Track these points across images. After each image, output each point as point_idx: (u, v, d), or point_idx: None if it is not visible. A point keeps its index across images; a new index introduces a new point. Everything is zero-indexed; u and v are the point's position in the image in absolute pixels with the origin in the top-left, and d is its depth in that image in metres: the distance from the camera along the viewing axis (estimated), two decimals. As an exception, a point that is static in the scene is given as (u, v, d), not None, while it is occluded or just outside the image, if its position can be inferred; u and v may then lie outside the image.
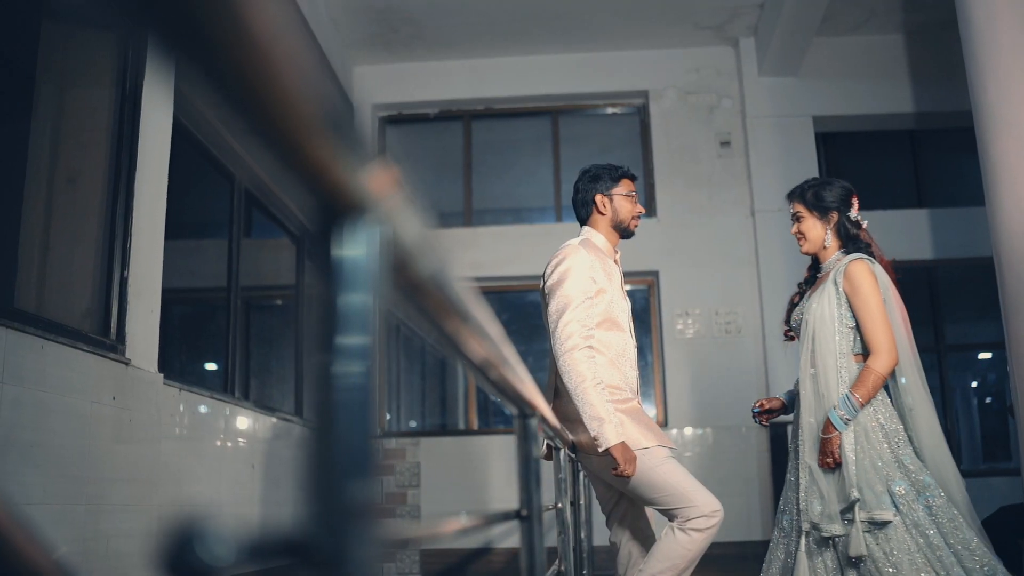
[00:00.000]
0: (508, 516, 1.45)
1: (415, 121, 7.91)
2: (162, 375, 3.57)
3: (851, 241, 2.95)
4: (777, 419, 3.21)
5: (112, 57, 3.55)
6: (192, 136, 4.46)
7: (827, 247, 2.98)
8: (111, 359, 3.17)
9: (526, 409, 1.43)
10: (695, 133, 7.49)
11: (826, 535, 2.73)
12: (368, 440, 0.44)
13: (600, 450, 2.72)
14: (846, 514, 2.70)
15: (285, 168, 0.42)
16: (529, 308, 9.22)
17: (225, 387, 4.65)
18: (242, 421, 4.58)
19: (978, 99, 4.13)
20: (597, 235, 3.06)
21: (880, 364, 2.76)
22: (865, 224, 2.99)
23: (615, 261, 3.07)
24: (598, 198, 3.06)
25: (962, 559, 2.62)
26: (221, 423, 4.30)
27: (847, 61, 7.38)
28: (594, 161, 3.19)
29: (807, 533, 2.79)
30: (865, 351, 2.83)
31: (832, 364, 2.82)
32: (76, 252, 3.32)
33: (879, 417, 2.78)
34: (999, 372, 10.47)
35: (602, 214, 3.06)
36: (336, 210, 0.45)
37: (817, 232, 2.98)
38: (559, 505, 2.48)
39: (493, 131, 8.16)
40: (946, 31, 6.04)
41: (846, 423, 2.74)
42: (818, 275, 3.05)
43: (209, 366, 6.17)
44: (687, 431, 6.90)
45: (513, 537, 1.54)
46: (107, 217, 3.40)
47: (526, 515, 1.46)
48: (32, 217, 3.20)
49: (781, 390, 3.54)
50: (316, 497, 0.42)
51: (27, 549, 0.34)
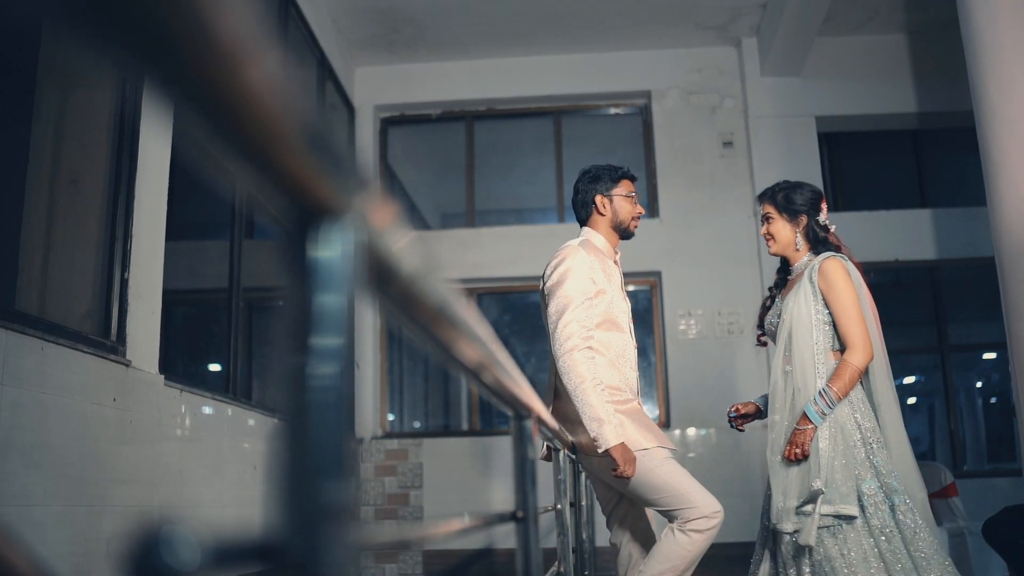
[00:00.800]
0: (504, 518, 1.44)
1: (417, 122, 7.91)
2: (163, 376, 3.57)
3: (820, 244, 3.01)
4: (752, 423, 3.24)
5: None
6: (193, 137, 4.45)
7: (798, 249, 3.03)
8: (112, 360, 3.18)
9: (521, 410, 1.43)
10: (698, 133, 7.48)
11: (780, 531, 2.76)
12: (342, 442, 0.44)
13: (600, 451, 2.72)
14: (805, 506, 2.71)
15: (259, 169, 0.42)
16: (532, 309, 9.22)
17: (227, 388, 4.66)
18: (244, 422, 4.59)
19: (979, 98, 4.12)
20: (597, 236, 3.06)
21: (857, 358, 2.79)
22: (833, 228, 3.06)
23: (615, 262, 3.07)
24: (598, 199, 3.06)
25: (920, 570, 2.63)
26: (223, 424, 4.31)
27: (850, 61, 7.37)
28: (597, 161, 3.19)
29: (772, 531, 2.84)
30: (842, 347, 2.86)
31: (809, 360, 2.84)
32: (77, 253, 3.33)
33: (857, 415, 2.79)
34: (1003, 372, 10.44)
35: (602, 215, 3.06)
36: (311, 212, 0.45)
37: (786, 234, 3.03)
38: (558, 506, 2.47)
39: (495, 132, 8.16)
40: (949, 31, 6.03)
41: (823, 417, 2.76)
42: (789, 277, 3.09)
43: (212, 367, 6.18)
44: (690, 432, 6.89)
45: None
46: (108, 218, 3.40)
47: (522, 516, 1.46)
48: (33, 218, 3.21)
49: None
50: (289, 500, 0.42)
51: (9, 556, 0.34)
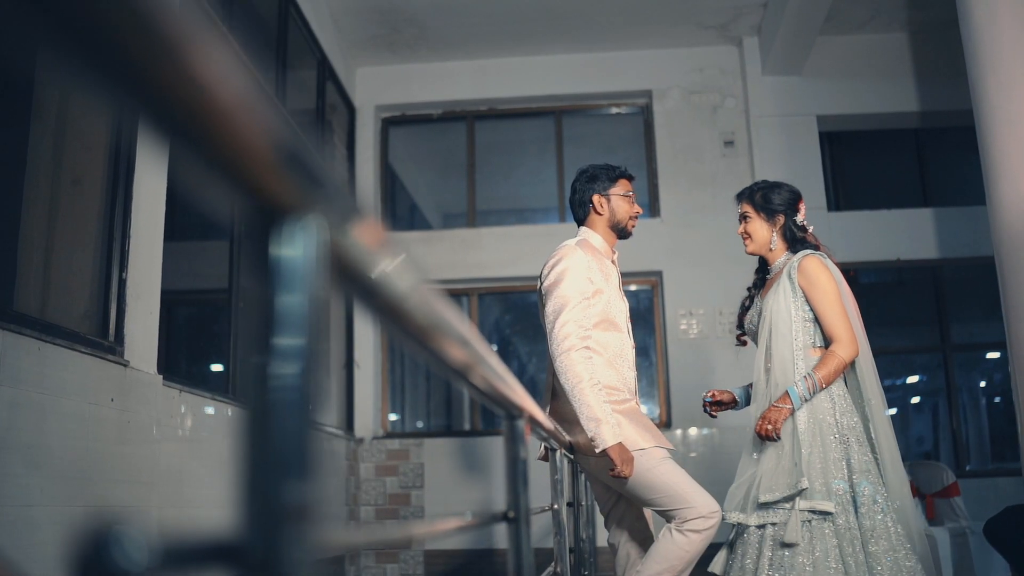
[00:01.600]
0: (496, 518, 1.44)
1: (418, 122, 7.91)
2: (161, 376, 3.57)
3: (797, 243, 3.01)
4: (726, 411, 3.23)
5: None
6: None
7: (773, 249, 3.04)
8: (109, 361, 3.18)
9: (512, 410, 1.43)
10: (699, 133, 7.47)
11: (743, 523, 2.80)
12: (304, 442, 0.44)
13: (597, 451, 2.71)
14: (784, 502, 2.72)
15: (219, 168, 0.42)
16: (533, 309, 9.20)
17: (227, 388, 4.66)
18: (244, 422, 4.58)
19: (979, 97, 4.12)
20: (594, 235, 3.05)
21: (843, 351, 2.80)
22: (811, 229, 3.06)
23: (613, 261, 3.06)
24: (595, 198, 3.05)
25: (872, 571, 2.64)
26: (223, 424, 4.31)
27: (851, 60, 7.35)
28: (598, 161, 3.19)
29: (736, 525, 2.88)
30: (825, 344, 2.87)
31: (789, 357, 2.85)
32: (75, 254, 3.33)
33: (836, 413, 2.80)
34: (1006, 372, 10.42)
35: (599, 214, 3.06)
36: (274, 211, 0.44)
37: (763, 233, 3.04)
38: (555, 506, 2.47)
39: (497, 132, 8.16)
40: (951, 29, 6.01)
41: (803, 401, 2.77)
42: (767, 276, 3.10)
43: (215, 367, 6.18)
44: (691, 431, 6.88)
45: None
46: (106, 218, 3.41)
47: (513, 517, 1.45)
48: (31, 219, 3.21)
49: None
50: (250, 501, 0.42)
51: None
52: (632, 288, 7.38)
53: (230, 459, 4.33)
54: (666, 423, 6.97)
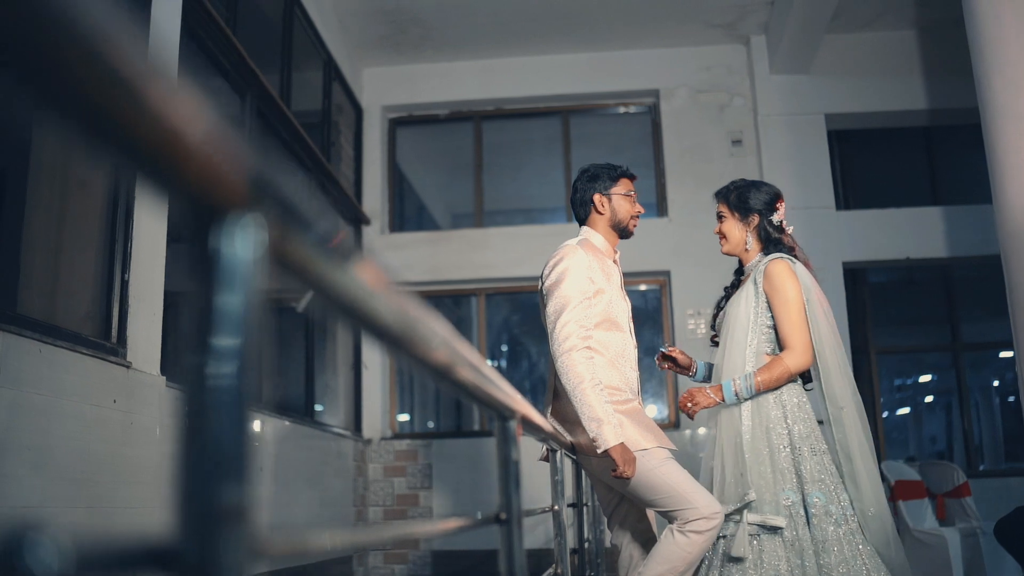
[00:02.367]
0: (488, 520, 1.43)
1: (425, 122, 7.92)
2: (164, 378, 3.58)
3: (772, 244, 2.95)
4: (674, 369, 3.20)
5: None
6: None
7: (749, 250, 2.99)
8: (112, 362, 3.18)
9: (503, 411, 1.42)
10: (706, 132, 7.45)
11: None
12: (240, 443, 0.43)
13: (599, 452, 2.70)
14: (733, 515, 2.70)
15: (158, 165, 0.41)
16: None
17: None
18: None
19: (984, 95, 4.09)
20: (596, 235, 3.04)
21: (792, 360, 2.75)
22: (790, 230, 3.00)
23: (614, 261, 3.04)
24: (596, 198, 3.03)
25: None
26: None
27: (859, 58, 7.31)
28: (605, 161, 3.17)
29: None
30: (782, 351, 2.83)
31: (740, 362, 2.83)
32: (77, 255, 3.34)
33: (787, 421, 2.75)
34: (1019, 371, 10.34)
35: (600, 214, 3.04)
36: (214, 209, 0.44)
37: (736, 234, 3.00)
38: (555, 507, 2.46)
39: (504, 132, 8.15)
40: (958, 27, 5.96)
41: (736, 398, 2.76)
42: (741, 277, 3.06)
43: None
44: (700, 431, 6.86)
45: (527, 537, 1.52)
46: (108, 220, 3.41)
47: (505, 519, 1.44)
48: (34, 221, 3.22)
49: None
50: (184, 504, 0.41)
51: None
52: (640, 288, 7.36)
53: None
54: (674, 423, 6.95)
